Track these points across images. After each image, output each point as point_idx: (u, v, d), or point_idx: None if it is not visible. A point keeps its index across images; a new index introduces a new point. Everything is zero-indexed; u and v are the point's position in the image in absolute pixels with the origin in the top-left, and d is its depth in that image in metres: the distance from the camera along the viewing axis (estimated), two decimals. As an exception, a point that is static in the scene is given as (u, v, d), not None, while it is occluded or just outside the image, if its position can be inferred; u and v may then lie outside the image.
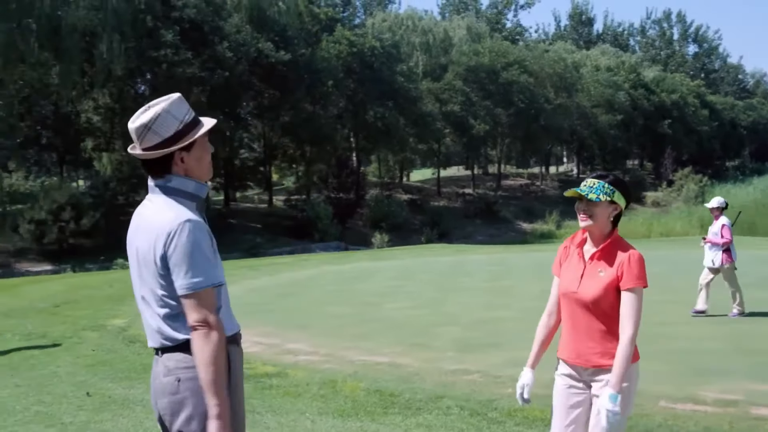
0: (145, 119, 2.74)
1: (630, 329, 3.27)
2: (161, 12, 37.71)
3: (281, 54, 39.94)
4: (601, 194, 3.35)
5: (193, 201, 2.80)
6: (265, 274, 18.44)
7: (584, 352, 3.41)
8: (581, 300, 3.38)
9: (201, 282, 2.62)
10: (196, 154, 2.80)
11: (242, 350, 2.94)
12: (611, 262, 3.36)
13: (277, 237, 38.85)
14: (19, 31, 35.51)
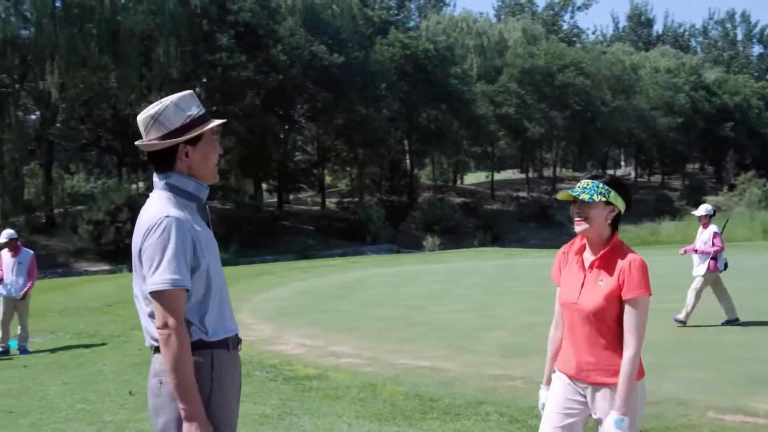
0: (153, 111, 2.71)
1: (633, 344, 3.03)
2: (217, 16, 38.22)
3: (335, 57, 40.12)
4: (596, 195, 3.10)
5: (193, 201, 2.73)
6: (315, 276, 18.48)
7: (583, 368, 3.17)
8: (581, 311, 3.14)
9: (165, 282, 2.52)
10: (202, 150, 2.73)
11: (237, 355, 2.82)
12: (612, 270, 3.10)
13: (329, 239, 38.98)
14: (80, 36, 36.43)
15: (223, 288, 2.77)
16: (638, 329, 3.04)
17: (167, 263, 2.52)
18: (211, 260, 2.70)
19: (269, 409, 6.61)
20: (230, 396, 2.71)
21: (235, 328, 2.80)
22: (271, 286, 17.14)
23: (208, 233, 2.73)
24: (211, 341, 2.64)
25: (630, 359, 3.02)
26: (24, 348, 10.71)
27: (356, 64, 42.05)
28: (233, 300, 10.93)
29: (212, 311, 2.67)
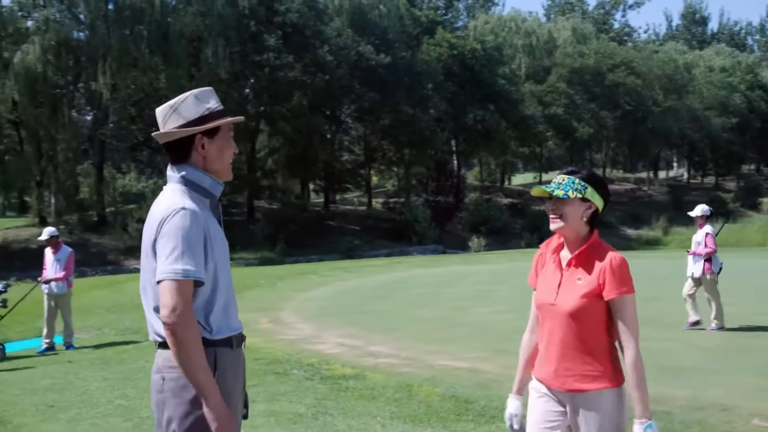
0: (172, 102, 2.72)
1: (632, 345, 2.86)
2: (265, 17, 38.53)
3: (381, 57, 40.13)
4: (571, 191, 2.93)
5: (207, 198, 2.70)
6: (358, 276, 18.47)
7: (560, 374, 2.96)
8: (559, 312, 2.95)
9: (177, 272, 2.46)
10: (218, 144, 2.72)
11: (241, 354, 2.78)
12: (590, 269, 2.92)
13: (375, 239, 38.99)
14: (131, 38, 37.10)
15: (229, 287, 2.74)
16: (632, 329, 2.87)
17: (181, 253, 2.48)
18: (220, 259, 2.67)
19: (304, 408, 6.59)
20: (233, 394, 2.67)
21: (239, 327, 2.77)
22: (314, 285, 17.17)
23: (219, 231, 2.71)
24: (214, 339, 2.61)
25: (634, 361, 2.85)
26: (69, 344, 10.89)
27: (403, 64, 41.99)
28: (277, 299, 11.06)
29: (217, 310, 2.64)
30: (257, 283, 17.92)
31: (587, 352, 2.91)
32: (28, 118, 37.57)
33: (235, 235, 36.94)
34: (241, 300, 14.71)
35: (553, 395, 3.02)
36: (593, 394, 2.89)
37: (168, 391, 2.57)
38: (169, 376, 2.57)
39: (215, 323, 2.62)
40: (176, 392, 2.55)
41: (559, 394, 3.00)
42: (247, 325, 10.50)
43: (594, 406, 2.89)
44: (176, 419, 2.56)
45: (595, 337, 2.91)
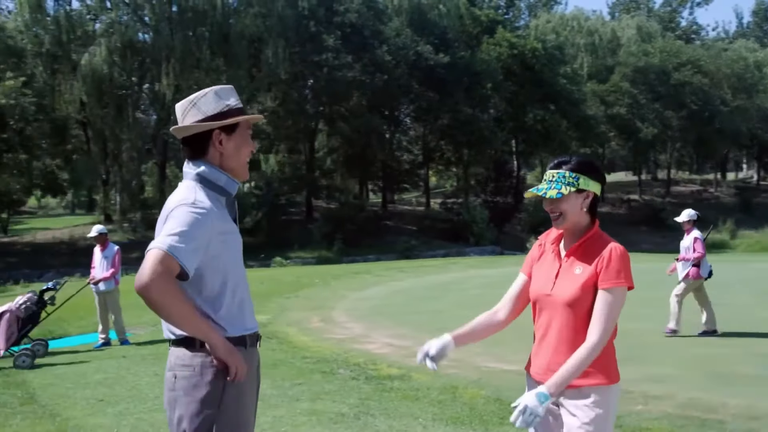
0: (192, 96, 2.72)
1: (597, 333, 2.69)
2: (324, 17, 38.80)
3: (440, 57, 39.99)
4: (563, 186, 2.80)
5: (223, 195, 2.69)
6: (412, 276, 18.41)
7: (552, 368, 2.82)
8: (555, 303, 2.83)
9: (165, 244, 2.41)
10: (236, 141, 2.71)
11: (254, 352, 2.76)
12: (590, 259, 2.79)
13: (432, 240, 38.86)
14: (194, 39, 37.78)
15: (243, 285, 2.71)
16: (605, 320, 2.70)
17: (175, 233, 2.45)
18: (232, 257, 2.65)
19: (347, 408, 6.57)
20: (245, 393, 2.64)
21: (254, 326, 2.75)
22: (368, 285, 17.17)
23: (233, 229, 2.69)
24: (227, 338, 2.58)
25: (589, 348, 2.68)
26: (124, 340, 11.08)
27: (462, 63, 41.77)
28: (330, 297, 11.08)
29: (229, 308, 2.62)
30: (312, 282, 18.00)
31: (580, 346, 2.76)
32: (94, 118, 38.61)
33: (293, 234, 37.36)
34: (296, 299, 14.92)
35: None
36: (585, 391, 2.75)
37: (180, 389, 2.57)
38: (180, 374, 2.56)
39: (227, 321, 2.60)
40: (188, 390, 2.54)
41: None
42: (298, 324, 10.57)
43: (584, 402, 2.75)
44: (187, 418, 2.55)
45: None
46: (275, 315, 13.10)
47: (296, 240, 36.31)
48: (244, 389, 2.61)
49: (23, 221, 51.64)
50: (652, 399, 6.58)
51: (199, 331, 2.47)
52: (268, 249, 33.84)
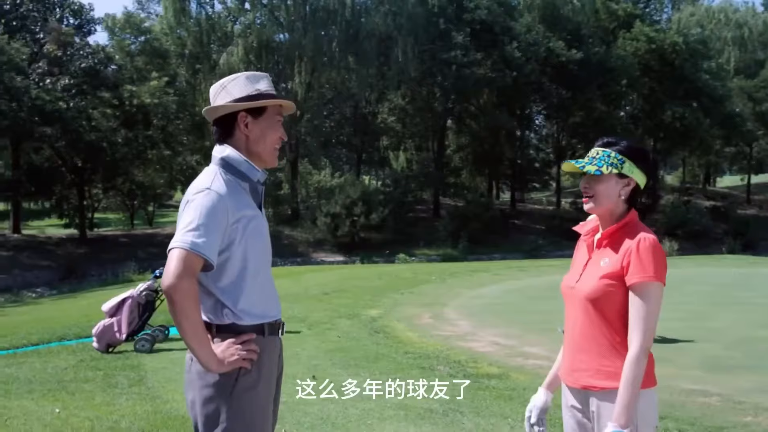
0: (224, 80, 2.72)
1: (638, 342, 2.46)
2: (454, 14, 38.69)
3: (572, 53, 39.05)
4: (605, 165, 2.54)
5: (245, 181, 2.65)
6: (531, 276, 18.04)
7: (576, 367, 2.61)
8: (578, 296, 2.60)
9: (185, 242, 2.43)
10: (262, 126, 2.67)
11: (274, 341, 2.70)
12: (618, 251, 2.54)
13: (561, 240, 37.91)
14: (325, 38, 38.62)
15: (264, 273, 2.69)
16: (644, 323, 2.46)
17: (194, 228, 2.45)
18: (253, 244, 2.61)
19: (437, 405, 6.49)
20: (261, 382, 2.59)
21: (274, 314, 2.71)
22: (484, 283, 16.95)
23: (257, 216, 2.65)
24: (244, 326, 2.57)
25: (633, 360, 2.45)
26: None
27: (596, 59, 40.64)
28: (444, 295, 11.04)
29: (248, 295, 2.59)
30: (428, 278, 17.98)
31: (607, 346, 2.55)
32: (232, 115, 40.12)
33: (419, 231, 37.52)
34: (410, 295, 14.96)
35: (576, 402, 2.69)
36: (608, 394, 2.52)
37: (194, 373, 2.57)
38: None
39: (244, 309, 2.58)
40: (201, 375, 2.54)
41: (578, 396, 2.66)
42: (408, 320, 10.56)
43: (610, 406, 2.50)
44: (199, 401, 2.55)
45: (616, 329, 2.55)
46: (387, 310, 13.15)
47: (422, 237, 36.44)
48: (259, 378, 2.57)
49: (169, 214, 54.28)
50: (763, 411, 6.15)
51: (200, 345, 2.45)
52: (393, 245, 34.14)
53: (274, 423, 2.76)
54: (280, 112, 2.73)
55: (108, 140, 34.38)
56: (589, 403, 2.61)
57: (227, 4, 43.04)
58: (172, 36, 40.53)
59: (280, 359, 2.79)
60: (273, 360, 2.70)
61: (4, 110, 31.53)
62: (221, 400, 2.51)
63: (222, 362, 2.48)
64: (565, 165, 2.71)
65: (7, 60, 31.98)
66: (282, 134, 2.74)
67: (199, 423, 2.56)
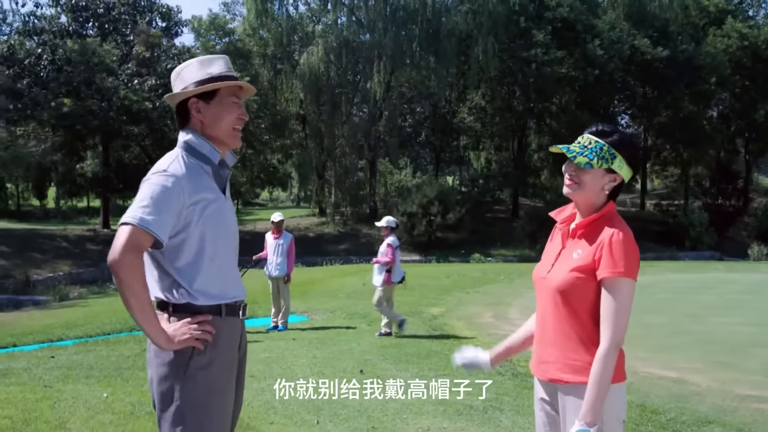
0: (179, 67, 2.74)
1: (607, 338, 2.36)
2: (534, 12, 38.15)
3: (658, 50, 37.94)
4: (596, 159, 2.46)
5: (207, 164, 2.67)
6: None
7: (544, 360, 2.54)
8: (548, 287, 2.52)
9: (134, 218, 2.45)
10: (215, 109, 2.67)
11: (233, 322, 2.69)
12: (591, 244, 2.45)
13: (643, 242, 36.91)
14: (405, 38, 38.68)
15: (224, 255, 2.67)
16: (614, 319, 2.37)
17: (144, 204, 2.48)
18: (212, 226, 2.62)
19: (479, 402, 6.41)
20: (217, 361, 2.59)
21: (236, 295, 2.70)
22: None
23: (218, 199, 2.66)
24: (199, 305, 2.57)
25: (601, 356, 2.36)
26: (283, 325, 11.42)
27: (683, 57, 39.36)
28: (509, 295, 10.98)
29: (205, 276, 2.59)
30: (496, 278, 17.80)
31: (575, 340, 2.47)
32: (311, 115, 40.71)
33: (496, 231, 37.18)
34: (475, 294, 14.86)
35: (545, 395, 2.63)
36: (574, 388, 2.45)
37: (152, 351, 2.60)
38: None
39: (201, 289, 2.58)
40: (158, 353, 2.56)
41: (547, 388, 2.61)
42: (469, 318, 10.48)
43: (575, 401, 2.44)
44: (156, 379, 2.58)
45: (585, 323, 2.46)
46: (449, 308, 13.09)
47: (499, 237, 36.08)
48: (214, 358, 2.57)
49: (254, 212, 55.42)
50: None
51: (147, 322, 2.45)
52: (469, 245, 33.93)
53: (238, 405, 2.77)
54: (236, 93, 2.72)
55: (191, 139, 35.29)
56: (558, 397, 2.55)
57: (310, 4, 43.67)
58: (255, 37, 41.36)
59: (242, 340, 2.79)
60: (232, 341, 2.69)
61: (95, 110, 32.79)
62: (176, 379, 2.52)
63: (171, 340, 2.49)
64: (553, 148, 2.64)
65: (99, 61, 33.25)
66: (240, 114, 2.72)
67: (156, 400, 2.58)
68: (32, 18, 39.14)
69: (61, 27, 38.37)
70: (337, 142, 41.05)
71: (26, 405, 6.19)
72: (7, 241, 33.61)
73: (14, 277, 27.91)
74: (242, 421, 5.77)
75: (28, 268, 28.81)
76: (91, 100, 33.33)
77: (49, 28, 38.15)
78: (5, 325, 15.02)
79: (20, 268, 28.92)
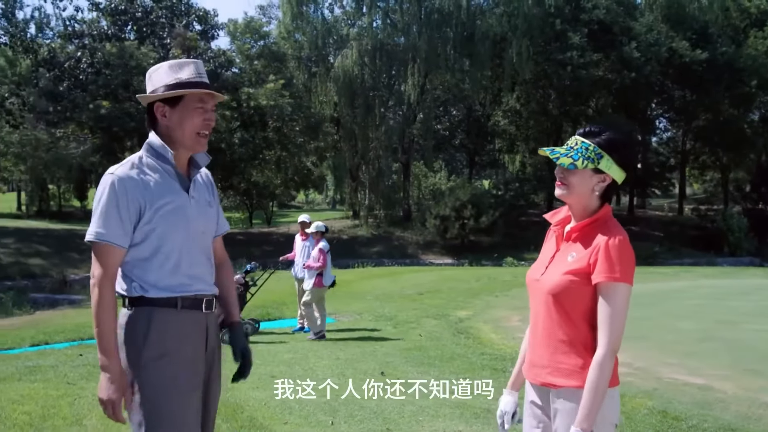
0: (151, 69, 2.80)
1: (603, 344, 2.33)
2: (570, 15, 37.80)
3: (697, 53, 37.33)
4: (581, 159, 2.42)
5: (167, 164, 2.73)
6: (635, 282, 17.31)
7: (536, 363, 2.52)
8: (542, 290, 2.50)
9: (91, 234, 2.60)
10: (179, 114, 2.72)
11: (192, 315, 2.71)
12: (586, 247, 2.41)
13: (680, 247, 36.41)
14: (439, 40, 38.57)
15: (182, 252, 2.71)
16: (610, 324, 2.33)
17: (98, 216, 2.60)
18: (170, 224, 2.67)
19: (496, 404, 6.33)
20: (170, 354, 2.63)
21: (196, 290, 2.72)
22: (585, 288, 16.50)
23: (173, 199, 2.70)
24: (150, 298, 2.63)
25: (598, 362, 2.33)
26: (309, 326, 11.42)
27: (723, 59, 38.66)
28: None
29: (159, 270, 2.66)
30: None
31: (567, 343, 2.45)
32: (345, 117, 40.80)
33: (530, 235, 36.82)
34: (504, 297, 14.76)
35: (536, 398, 2.59)
36: (565, 392, 2.42)
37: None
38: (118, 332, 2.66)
39: (153, 282, 2.65)
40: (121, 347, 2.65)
41: (538, 392, 2.58)
42: (495, 321, 10.40)
43: (566, 405, 2.42)
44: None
45: (577, 327, 2.43)
46: (477, 311, 13.01)
47: (533, 241, 35.68)
48: (165, 351, 2.62)
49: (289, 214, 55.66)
50: None
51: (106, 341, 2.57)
52: (502, 249, 33.72)
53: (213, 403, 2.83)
54: (203, 99, 2.75)
55: (226, 141, 35.60)
56: (549, 401, 2.52)
57: (345, 7, 43.79)
58: (290, 40, 41.53)
59: (210, 336, 2.79)
60: (190, 335, 2.71)
61: (132, 112, 33.19)
62: (133, 369, 2.61)
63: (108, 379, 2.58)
64: (540, 151, 2.62)
65: (136, 65, 33.65)
66: (206, 119, 2.75)
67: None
68: (73, 22, 39.80)
69: (101, 31, 38.95)
70: (370, 145, 41.04)
71: (47, 401, 6.28)
72: (47, 241, 34.17)
73: (52, 276, 28.37)
74: (256, 420, 5.79)
75: (65, 268, 29.22)
76: (128, 102, 33.74)
77: (89, 32, 38.77)
78: (40, 323, 15.27)
79: (58, 268, 29.38)
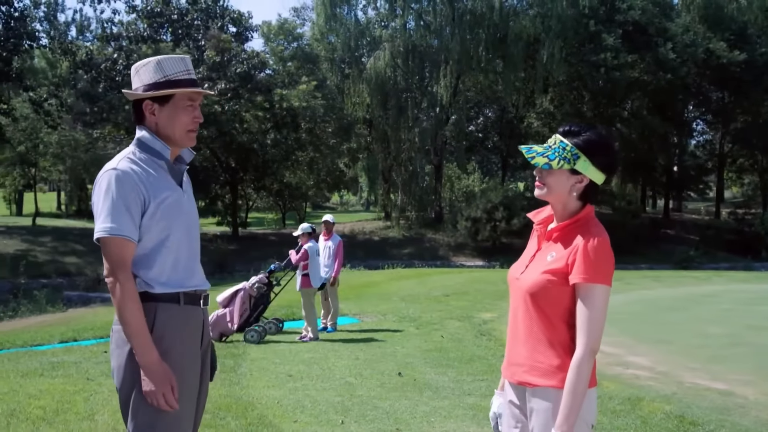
0: (138, 64, 2.78)
1: (582, 344, 2.29)
2: (605, 16, 37.42)
3: (735, 54, 36.74)
4: (557, 160, 2.37)
5: (161, 159, 2.72)
6: (666, 286, 17.15)
7: (513, 361, 2.49)
8: (521, 288, 2.46)
9: (104, 230, 2.56)
10: (169, 112, 2.71)
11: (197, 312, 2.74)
12: (566, 248, 2.37)
13: (716, 251, 35.85)
14: (472, 42, 38.43)
15: (184, 246, 2.72)
16: (588, 325, 2.29)
17: (106, 212, 2.56)
18: (171, 218, 2.67)
19: (510, 408, 6.29)
20: (173, 351, 2.61)
21: (195, 285, 2.73)
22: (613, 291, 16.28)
23: (171, 193, 2.70)
24: (155, 294, 2.62)
25: (576, 363, 2.29)
26: (332, 326, 11.44)
27: (762, 60, 38.04)
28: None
29: (161, 265, 2.65)
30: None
31: (545, 342, 2.41)
32: (377, 119, 40.83)
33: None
34: (529, 299, 14.58)
35: (514, 397, 2.55)
36: (541, 392, 2.39)
37: (113, 342, 2.66)
38: (116, 329, 2.64)
39: (156, 278, 2.64)
40: (119, 344, 2.62)
41: (515, 391, 2.54)
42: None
43: (541, 405, 2.39)
44: (116, 369, 2.64)
45: (555, 326, 2.40)
46: (501, 313, 12.91)
47: (566, 243, 35.47)
48: (171, 346, 2.61)
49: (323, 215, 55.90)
50: None
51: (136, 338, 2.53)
52: (534, 251, 33.43)
53: (202, 399, 2.81)
54: (191, 96, 2.75)
55: (258, 142, 35.83)
56: (526, 399, 2.49)
57: (378, 9, 43.83)
58: (323, 41, 41.70)
59: (205, 332, 2.80)
60: (192, 330, 2.72)
61: (167, 113, 33.60)
62: (134, 367, 2.57)
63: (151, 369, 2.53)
64: (520, 147, 2.59)
65: (171, 66, 34.04)
66: (195, 117, 2.76)
67: (118, 390, 2.65)
68: (110, 24, 40.45)
69: (137, 33, 39.49)
70: (403, 146, 41.04)
71: (63, 396, 6.36)
72: (83, 240, 34.74)
73: (86, 274, 28.82)
74: (266, 418, 5.80)
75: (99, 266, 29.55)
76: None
77: (125, 34, 39.34)
78: (71, 321, 15.52)
79: (92, 266, 29.82)
